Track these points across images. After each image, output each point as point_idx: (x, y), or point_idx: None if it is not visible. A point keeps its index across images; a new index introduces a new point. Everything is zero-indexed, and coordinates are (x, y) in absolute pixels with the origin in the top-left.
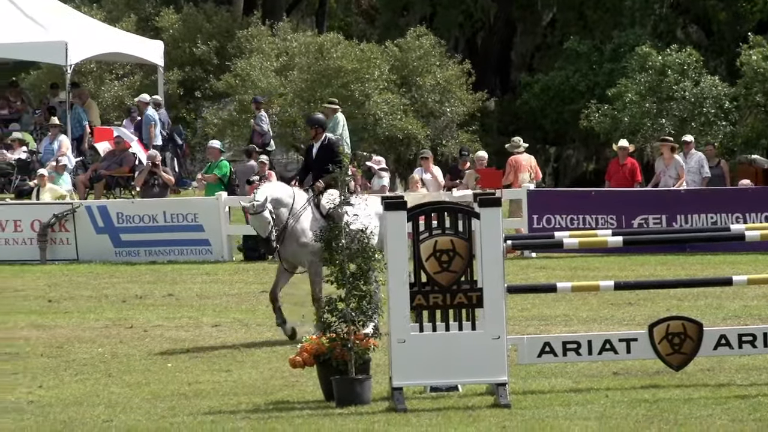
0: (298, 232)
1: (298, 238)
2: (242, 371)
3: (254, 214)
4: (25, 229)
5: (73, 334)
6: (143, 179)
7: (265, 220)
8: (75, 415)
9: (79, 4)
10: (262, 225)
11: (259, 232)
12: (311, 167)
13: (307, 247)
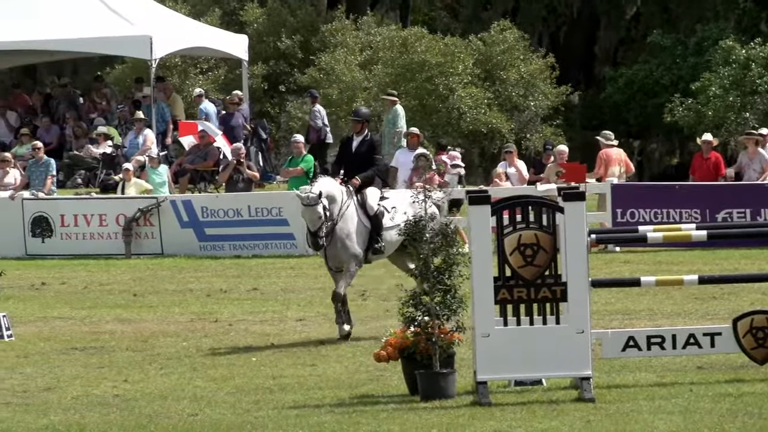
0: (343, 234)
1: (343, 240)
2: (327, 365)
3: (307, 206)
4: (110, 223)
5: (158, 328)
6: (227, 175)
7: (317, 213)
8: (160, 409)
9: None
10: (313, 219)
11: (309, 225)
12: (348, 161)
13: (349, 250)
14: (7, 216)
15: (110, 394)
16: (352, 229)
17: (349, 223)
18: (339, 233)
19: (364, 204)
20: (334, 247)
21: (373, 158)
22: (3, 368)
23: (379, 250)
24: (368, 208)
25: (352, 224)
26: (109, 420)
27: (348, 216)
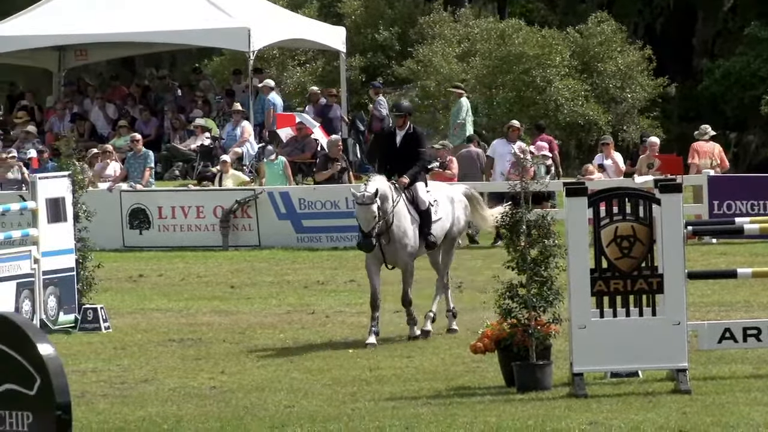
0: (400, 232)
1: (401, 239)
2: (423, 357)
3: (362, 205)
4: (208, 215)
5: (255, 320)
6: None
7: (371, 213)
8: (257, 400)
9: None
10: (368, 218)
11: (362, 225)
12: (392, 155)
13: (407, 249)
14: (106, 208)
15: (207, 386)
16: (408, 226)
17: (404, 221)
18: (396, 231)
19: (414, 199)
20: (392, 247)
21: (418, 152)
22: (100, 360)
23: (433, 243)
24: (420, 202)
25: (407, 221)
26: (205, 412)
27: (401, 214)
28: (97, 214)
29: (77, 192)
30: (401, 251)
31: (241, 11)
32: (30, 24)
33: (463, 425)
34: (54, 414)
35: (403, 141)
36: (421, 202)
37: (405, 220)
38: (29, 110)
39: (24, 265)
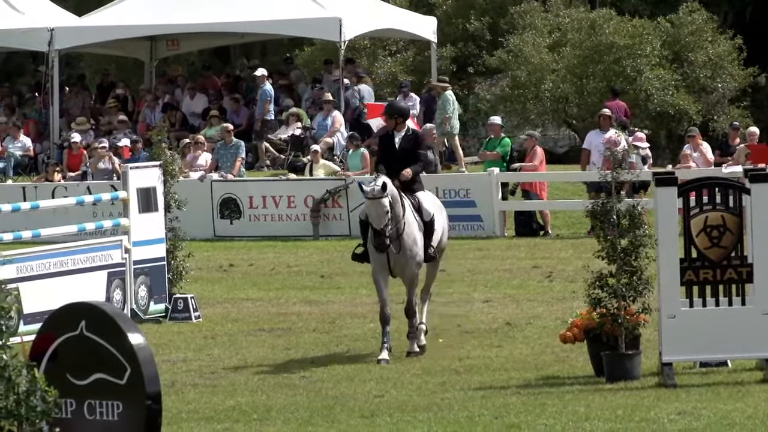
0: (410, 241)
1: (411, 249)
2: (513, 347)
3: (372, 199)
4: (299, 205)
5: (345, 309)
6: None
7: (383, 208)
8: (346, 390)
9: None
10: (379, 213)
11: (374, 222)
12: (393, 159)
13: (416, 259)
14: (197, 198)
15: (297, 376)
16: (417, 235)
17: (414, 229)
18: (407, 240)
19: (419, 207)
20: (402, 256)
21: (417, 153)
22: (191, 349)
23: (432, 257)
24: (425, 213)
25: (415, 229)
26: (295, 402)
27: (410, 221)
28: (188, 204)
29: (168, 182)
30: (410, 261)
31: (332, 1)
32: (122, 14)
33: (552, 414)
34: (144, 403)
35: (402, 143)
36: (426, 213)
37: (414, 228)
38: (121, 100)
39: (115, 255)
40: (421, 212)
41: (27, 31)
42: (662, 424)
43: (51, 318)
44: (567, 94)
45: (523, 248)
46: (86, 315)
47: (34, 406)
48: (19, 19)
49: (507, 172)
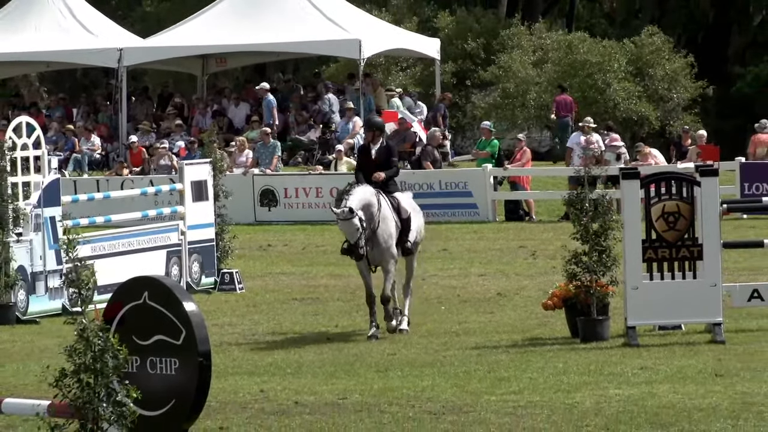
0: (386, 236)
1: (386, 242)
2: (503, 313)
3: (344, 221)
4: (325, 195)
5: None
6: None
7: (354, 226)
8: (365, 349)
9: (370, 8)
10: (351, 231)
11: (348, 238)
12: (369, 167)
13: (391, 249)
14: (241, 189)
15: (323, 337)
16: (392, 230)
17: (390, 225)
18: (382, 234)
19: (398, 207)
20: (378, 249)
21: (390, 161)
22: (235, 315)
23: (409, 250)
24: (402, 211)
25: (392, 225)
26: (322, 358)
27: (386, 218)
28: (233, 194)
29: (217, 175)
30: (386, 253)
31: (354, 26)
32: (179, 36)
33: (535, 369)
34: (197, 360)
35: (377, 154)
36: (404, 211)
37: (390, 224)
38: (178, 108)
39: (173, 237)
40: (399, 211)
41: (100, 50)
42: (627, 377)
43: (119, 289)
44: (548, 103)
45: (512, 231)
46: (148, 287)
47: (107, 362)
48: (93, 41)
49: (497, 168)
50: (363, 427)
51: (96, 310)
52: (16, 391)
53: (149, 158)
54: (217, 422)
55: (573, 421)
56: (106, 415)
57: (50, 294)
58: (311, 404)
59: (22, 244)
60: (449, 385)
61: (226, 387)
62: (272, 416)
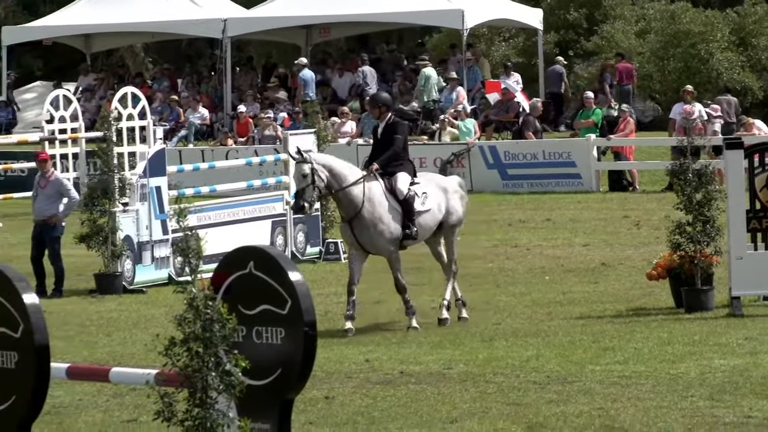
0: (374, 218)
1: (375, 225)
2: (607, 283)
3: (296, 163)
4: (429, 164)
5: (468, 252)
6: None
7: (301, 171)
8: (470, 319)
9: None
10: (297, 176)
11: (295, 184)
12: (376, 146)
13: (383, 235)
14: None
15: (428, 306)
16: (383, 212)
17: (379, 207)
18: (368, 217)
19: (393, 189)
20: (366, 232)
21: (392, 139)
22: (340, 285)
23: (410, 235)
24: (398, 192)
25: (383, 208)
26: (426, 329)
27: (376, 200)
28: None
29: (321, 145)
30: (377, 237)
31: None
32: (283, 7)
33: (640, 339)
34: (302, 330)
35: (383, 131)
36: (399, 192)
37: (380, 207)
38: (282, 78)
39: (278, 207)
40: (395, 192)
41: (204, 21)
42: (732, 347)
43: (225, 259)
44: (651, 73)
45: (615, 201)
46: (254, 256)
47: (216, 331)
48: (197, 12)
49: (601, 138)
50: (468, 397)
51: (202, 280)
52: (123, 360)
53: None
54: (322, 392)
55: (678, 392)
56: (214, 384)
57: (156, 264)
58: (416, 374)
59: (128, 214)
60: (554, 355)
61: (331, 357)
62: (377, 386)
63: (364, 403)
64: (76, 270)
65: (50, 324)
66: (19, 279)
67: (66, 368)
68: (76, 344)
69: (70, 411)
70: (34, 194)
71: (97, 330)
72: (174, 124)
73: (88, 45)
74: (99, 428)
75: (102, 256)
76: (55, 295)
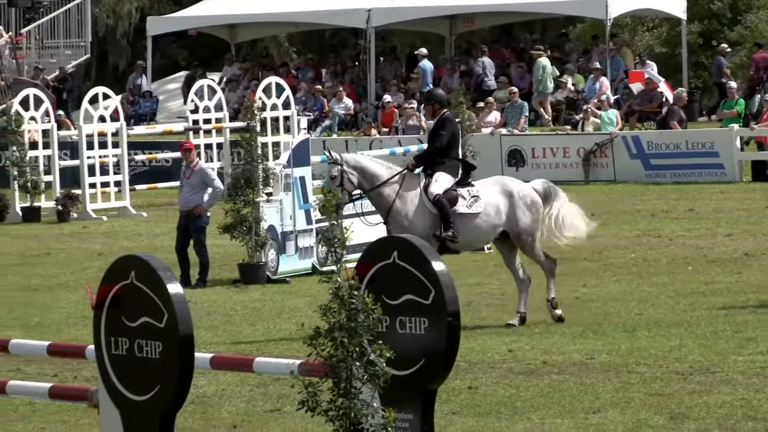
0: (401, 214)
1: (401, 221)
2: (750, 273)
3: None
4: (572, 155)
5: (610, 242)
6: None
7: (330, 173)
8: (612, 309)
9: None
10: (327, 178)
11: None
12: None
13: (406, 231)
14: (488, 149)
15: (571, 297)
16: (411, 210)
17: (409, 205)
18: (395, 212)
19: (426, 188)
20: (395, 227)
21: (436, 135)
22: (483, 275)
23: (451, 237)
24: (429, 193)
25: (412, 206)
26: (570, 319)
27: (408, 198)
28: (481, 154)
29: (465, 135)
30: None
31: None
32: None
33: None
34: (445, 320)
35: (433, 128)
36: (430, 194)
37: (410, 204)
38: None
39: None
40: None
41: (349, 11)
42: None
43: (369, 249)
44: None
45: (759, 191)
46: (398, 246)
47: (360, 321)
48: (342, 2)
49: (744, 128)
50: (611, 387)
51: (346, 270)
52: (266, 350)
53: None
54: (465, 382)
55: None
56: (359, 375)
57: (300, 253)
58: (559, 364)
59: (272, 204)
60: (696, 346)
61: (474, 347)
62: (520, 376)
63: (507, 393)
64: (220, 260)
65: (194, 314)
66: (164, 269)
67: (210, 358)
68: (220, 334)
69: (213, 401)
70: (180, 184)
71: (240, 320)
72: (318, 114)
73: (232, 35)
74: (242, 418)
75: (246, 246)
76: (199, 285)
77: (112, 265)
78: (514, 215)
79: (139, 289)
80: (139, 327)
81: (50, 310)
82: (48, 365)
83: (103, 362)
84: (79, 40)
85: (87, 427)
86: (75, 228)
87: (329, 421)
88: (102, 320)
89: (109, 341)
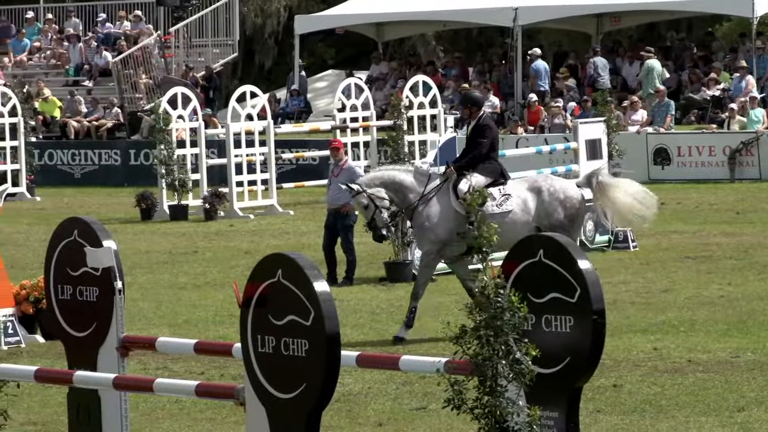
0: (422, 217)
1: (422, 224)
2: None
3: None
4: (718, 153)
5: (756, 240)
6: None
7: (359, 205)
8: (757, 307)
9: None
10: (360, 210)
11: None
12: (465, 146)
13: (425, 233)
14: (634, 147)
15: (716, 295)
16: (434, 212)
17: (432, 208)
18: (418, 217)
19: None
20: (416, 231)
21: (477, 142)
22: (629, 273)
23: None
24: (458, 191)
25: (436, 208)
26: (715, 317)
27: (434, 200)
28: (627, 153)
29: (611, 134)
30: (419, 234)
31: None
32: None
33: None
34: (591, 318)
35: (471, 131)
36: (459, 191)
37: (434, 207)
38: (571, 68)
39: None
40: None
41: (496, 10)
42: None
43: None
44: None
45: None
46: (543, 245)
47: (506, 320)
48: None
49: None
50: (756, 385)
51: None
52: (412, 348)
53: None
54: (610, 380)
55: None
56: (504, 373)
57: None
58: (704, 362)
59: None
60: None
61: (619, 345)
62: (665, 374)
63: (652, 391)
64: (367, 258)
65: (341, 312)
66: (311, 267)
67: (356, 356)
68: (366, 332)
69: (359, 399)
70: (329, 183)
71: (387, 318)
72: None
73: (380, 33)
74: (388, 416)
75: (392, 244)
76: (346, 283)
77: (258, 263)
78: (545, 211)
79: (285, 288)
80: (286, 325)
81: (197, 308)
82: (195, 363)
83: (249, 360)
84: (226, 38)
85: (234, 425)
86: (222, 226)
87: (474, 419)
88: (248, 318)
89: (256, 339)
